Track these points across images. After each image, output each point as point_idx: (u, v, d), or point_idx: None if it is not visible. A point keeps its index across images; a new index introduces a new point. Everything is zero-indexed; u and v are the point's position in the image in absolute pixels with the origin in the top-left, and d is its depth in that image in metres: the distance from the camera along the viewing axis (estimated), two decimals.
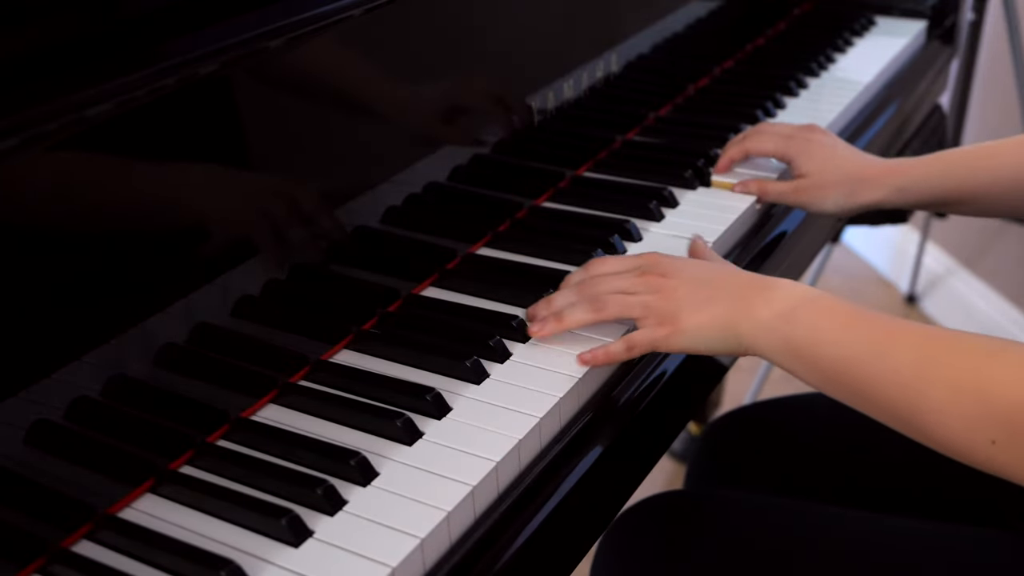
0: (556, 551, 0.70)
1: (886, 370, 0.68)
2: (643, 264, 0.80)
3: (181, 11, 0.70)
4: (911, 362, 0.67)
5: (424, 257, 0.90)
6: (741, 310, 0.74)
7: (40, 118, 0.58)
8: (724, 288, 0.76)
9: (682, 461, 1.90)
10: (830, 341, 0.71)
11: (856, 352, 0.70)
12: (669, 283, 0.77)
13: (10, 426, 0.60)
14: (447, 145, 0.90)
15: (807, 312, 0.73)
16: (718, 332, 0.75)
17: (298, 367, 0.78)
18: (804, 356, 0.72)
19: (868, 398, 0.70)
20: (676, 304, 0.76)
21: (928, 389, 0.66)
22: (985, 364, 0.65)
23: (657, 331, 0.76)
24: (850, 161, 1.01)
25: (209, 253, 0.70)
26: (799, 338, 0.72)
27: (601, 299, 0.78)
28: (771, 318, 0.73)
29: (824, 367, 0.72)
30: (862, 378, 0.70)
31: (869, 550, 0.83)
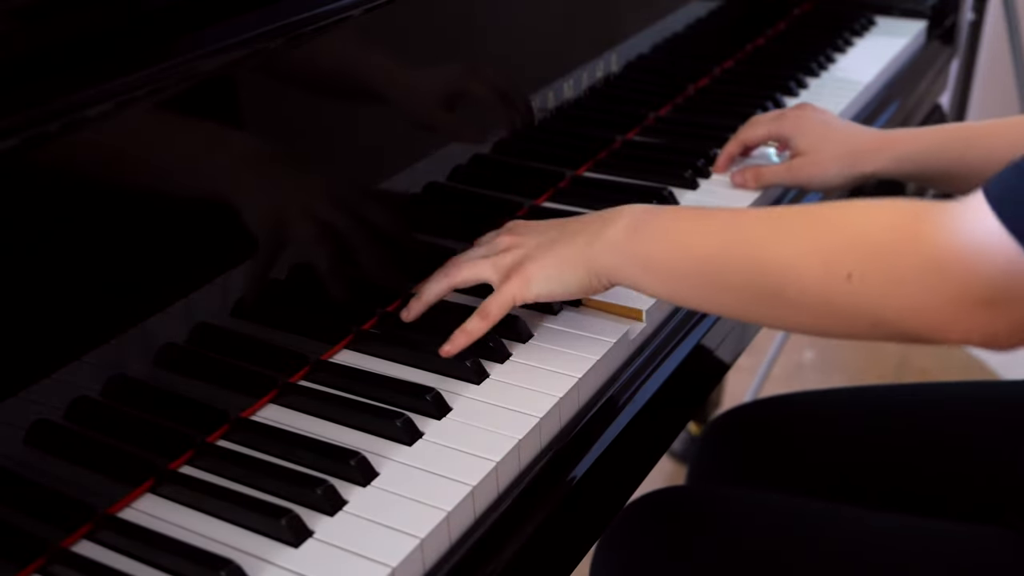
0: (557, 550, 0.70)
1: (740, 242, 0.69)
2: (503, 229, 0.82)
3: (182, 11, 0.70)
4: (764, 227, 0.69)
5: (424, 257, 0.90)
6: (589, 241, 0.75)
7: (40, 118, 0.58)
8: (572, 228, 0.77)
9: (682, 461, 1.90)
10: (681, 238, 0.72)
11: (707, 240, 0.71)
12: (519, 239, 0.79)
13: (10, 426, 0.60)
14: (447, 145, 0.90)
15: (655, 221, 0.74)
16: (570, 270, 0.75)
17: (298, 367, 0.78)
18: (656, 260, 0.73)
19: (724, 282, 0.70)
20: (523, 253, 0.77)
21: (783, 243, 0.67)
22: (836, 208, 0.66)
23: (506, 285, 0.76)
24: (845, 133, 1.01)
25: (209, 253, 0.70)
26: (649, 244, 0.73)
27: (454, 267, 0.80)
28: (619, 237, 0.74)
29: (680, 268, 0.72)
30: (717, 261, 0.70)
31: (868, 548, 0.83)
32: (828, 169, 0.99)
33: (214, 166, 0.70)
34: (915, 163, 0.97)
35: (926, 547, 0.83)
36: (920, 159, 0.96)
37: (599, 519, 0.78)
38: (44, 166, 0.59)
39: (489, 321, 0.77)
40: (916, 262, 0.61)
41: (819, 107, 1.05)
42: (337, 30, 0.76)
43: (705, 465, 1.08)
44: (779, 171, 1.02)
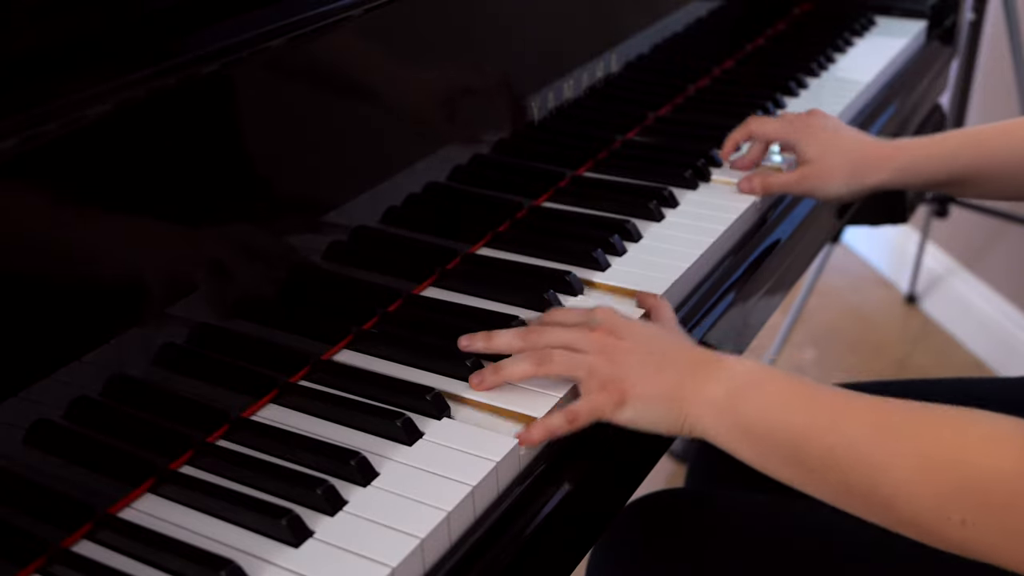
0: (556, 550, 0.70)
1: (843, 442, 0.64)
2: (597, 319, 0.75)
3: (182, 11, 0.70)
4: (871, 433, 0.64)
5: (424, 257, 0.90)
6: (689, 388, 0.70)
7: (40, 118, 0.58)
8: (674, 361, 0.72)
9: (682, 461, 1.89)
10: (781, 420, 0.67)
11: (810, 426, 0.66)
12: (619, 345, 0.73)
13: (10, 426, 0.60)
14: (447, 145, 0.90)
15: (755, 390, 0.69)
16: (664, 407, 0.71)
17: (298, 367, 0.78)
18: (754, 435, 0.68)
19: (825, 479, 0.66)
20: (623, 370, 0.72)
21: (891, 462, 0.62)
22: (954, 436, 0.62)
23: (600, 398, 0.71)
24: (854, 143, 1.00)
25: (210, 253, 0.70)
26: (749, 416, 0.68)
27: (547, 353, 0.73)
28: (720, 396, 0.69)
29: (777, 445, 0.67)
30: (817, 457, 0.65)
31: (868, 548, 0.83)
32: (834, 179, 0.99)
33: (215, 165, 0.70)
34: (924, 171, 0.96)
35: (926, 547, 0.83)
36: (929, 167, 0.96)
37: (599, 519, 0.78)
38: (44, 166, 0.59)
39: (574, 427, 0.71)
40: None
41: (828, 114, 1.05)
42: (337, 30, 0.76)
43: (705, 464, 1.08)
44: (786, 180, 1.01)
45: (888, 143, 1.00)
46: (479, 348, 0.77)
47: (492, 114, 0.95)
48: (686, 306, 0.89)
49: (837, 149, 0.99)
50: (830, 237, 1.29)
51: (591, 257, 0.91)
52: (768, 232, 1.02)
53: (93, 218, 0.63)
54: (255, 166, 0.74)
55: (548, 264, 0.91)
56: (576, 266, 0.90)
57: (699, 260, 0.92)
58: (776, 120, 1.05)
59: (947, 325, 2.22)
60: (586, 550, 0.75)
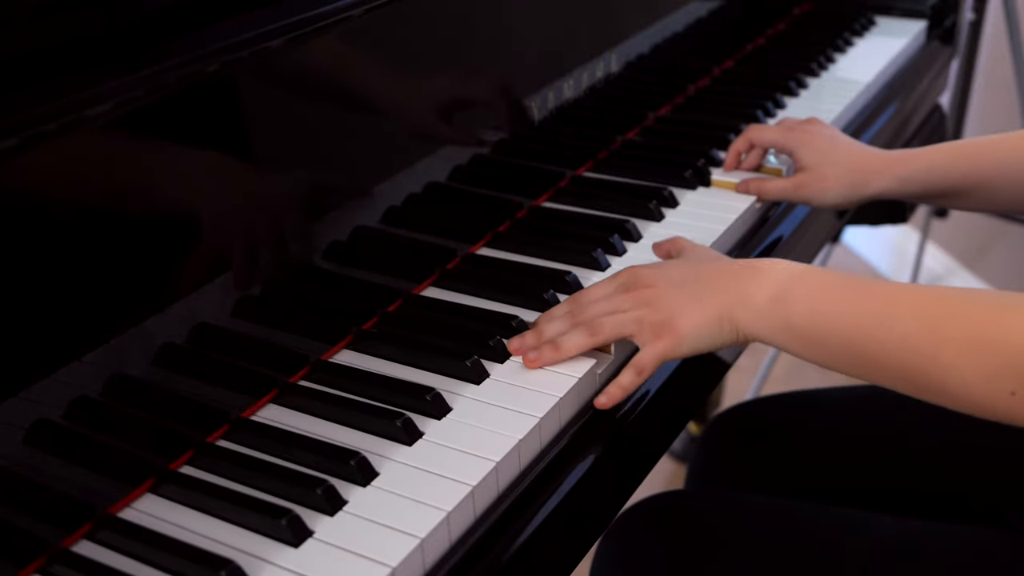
0: (556, 551, 0.70)
1: (893, 336, 0.67)
2: (624, 281, 0.78)
3: (182, 11, 0.70)
4: (919, 324, 0.66)
5: (424, 257, 0.90)
6: (734, 300, 0.73)
7: (40, 118, 0.58)
8: (711, 281, 0.75)
9: (682, 461, 1.90)
10: (831, 317, 0.70)
11: (860, 323, 0.69)
12: (655, 292, 0.76)
13: (10, 426, 0.60)
14: (447, 145, 0.90)
15: (801, 290, 0.72)
16: (715, 327, 0.74)
17: (298, 367, 0.78)
18: (806, 336, 0.71)
19: (879, 367, 0.69)
20: (668, 311, 0.74)
21: (941, 348, 0.65)
22: (999, 316, 0.64)
23: (658, 344, 0.74)
24: (851, 152, 1.01)
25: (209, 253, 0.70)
26: (798, 318, 0.71)
27: (595, 323, 0.76)
28: (766, 302, 0.72)
29: (829, 344, 0.70)
30: (870, 349, 0.68)
31: (868, 549, 0.83)
32: (831, 188, 0.99)
33: (215, 165, 0.70)
34: (920, 183, 0.97)
35: (926, 548, 0.83)
36: (925, 178, 0.97)
37: (599, 519, 0.78)
38: (44, 166, 0.59)
39: (643, 377, 0.75)
40: None
41: (826, 123, 1.05)
42: (337, 30, 0.76)
43: (705, 464, 1.08)
44: (784, 186, 1.02)
45: (885, 153, 1.00)
46: (532, 343, 0.78)
47: (492, 114, 0.95)
48: None
49: (834, 158, 1.00)
50: (830, 237, 1.29)
51: (591, 257, 0.91)
52: (768, 232, 1.02)
53: (93, 218, 0.63)
54: (255, 166, 0.74)
55: (548, 264, 0.91)
56: (576, 266, 0.90)
57: None
58: (775, 128, 1.05)
59: None
60: (586, 550, 0.75)
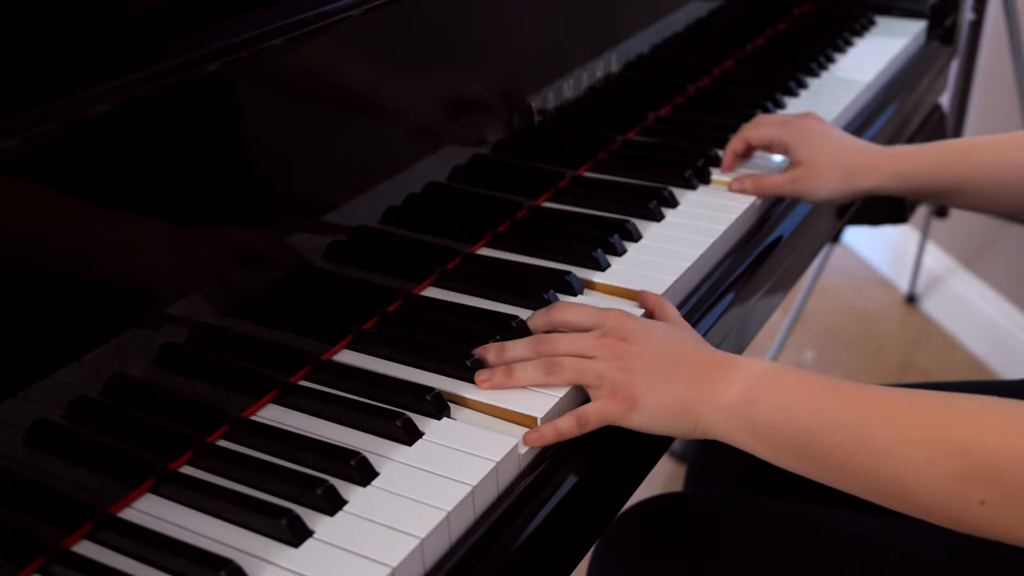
0: (556, 551, 0.70)
1: (860, 438, 0.66)
2: (606, 324, 0.76)
3: (181, 11, 0.70)
4: (886, 426, 0.65)
5: (424, 257, 0.90)
6: (700, 393, 0.71)
7: (40, 118, 0.58)
8: (684, 367, 0.73)
9: (682, 461, 1.90)
10: (796, 416, 0.68)
11: (825, 424, 0.67)
12: (629, 350, 0.73)
13: (10, 426, 0.60)
14: (447, 145, 0.90)
15: (770, 389, 0.70)
16: (673, 415, 0.71)
17: (298, 367, 0.78)
18: (769, 435, 0.69)
19: (843, 471, 0.67)
20: (634, 379, 0.72)
21: (908, 452, 0.64)
22: (967, 422, 0.63)
23: (610, 405, 0.72)
24: (846, 147, 1.01)
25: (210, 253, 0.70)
26: (763, 417, 0.69)
27: (556, 361, 0.74)
28: (732, 401, 0.70)
29: (792, 444, 0.69)
30: (834, 450, 0.67)
31: (868, 550, 0.83)
32: (826, 183, 0.99)
33: (215, 164, 0.70)
34: (913, 180, 0.97)
35: (926, 549, 0.83)
36: (919, 176, 0.97)
37: (599, 519, 0.78)
38: (44, 166, 0.59)
39: (584, 431, 0.72)
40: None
41: (821, 118, 1.05)
42: (336, 30, 0.76)
43: (704, 466, 1.08)
44: (779, 182, 1.02)
45: (881, 149, 1.00)
46: (491, 361, 0.76)
47: (492, 114, 0.95)
48: (686, 306, 0.89)
49: (829, 153, 1.00)
50: (830, 237, 1.29)
51: (591, 257, 0.91)
52: (768, 232, 1.02)
53: (93, 218, 0.63)
54: (255, 166, 0.74)
55: (548, 264, 0.91)
56: (576, 266, 0.90)
57: (699, 260, 0.92)
58: (770, 124, 1.05)
59: (947, 325, 2.22)
60: (586, 550, 0.75)
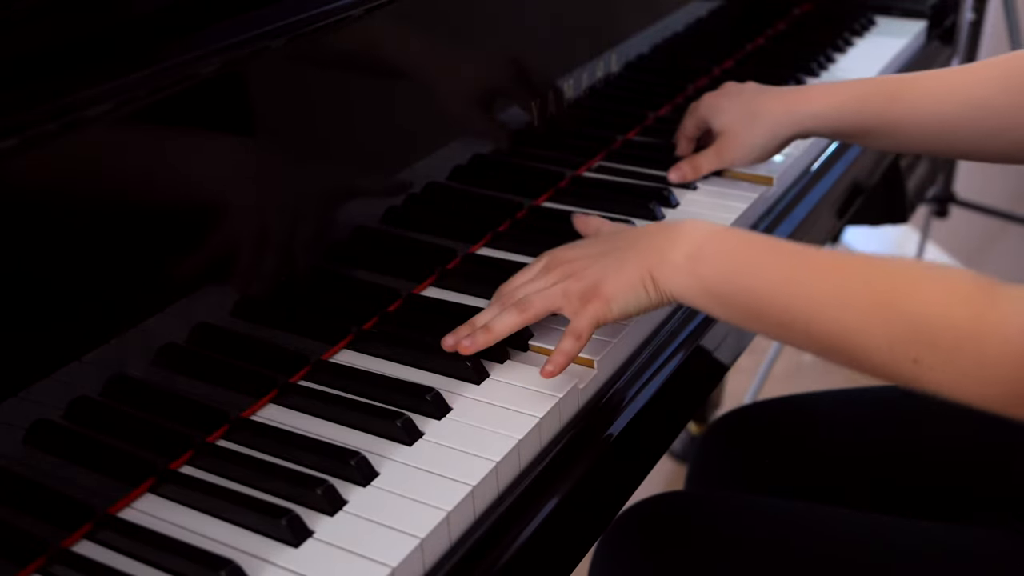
0: (556, 551, 0.70)
1: (802, 297, 0.68)
2: (545, 263, 0.80)
3: (182, 11, 0.70)
4: (828, 287, 0.67)
5: (424, 257, 0.90)
6: (653, 260, 0.74)
7: (40, 118, 0.58)
8: (631, 246, 0.76)
9: (682, 461, 1.90)
10: (742, 275, 0.71)
11: (770, 283, 0.70)
12: (576, 265, 0.77)
13: (10, 426, 0.60)
14: (447, 145, 0.90)
15: (715, 249, 0.72)
16: (640, 288, 0.74)
17: (298, 367, 0.78)
18: (718, 293, 0.72)
19: (789, 328, 0.69)
20: (591, 279, 0.75)
21: (847, 313, 0.66)
22: (902, 284, 0.65)
23: (588, 308, 0.75)
24: (759, 101, 1.00)
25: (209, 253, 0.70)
26: (711, 276, 0.72)
27: (524, 301, 0.77)
28: (681, 260, 0.73)
29: (740, 302, 0.71)
30: (779, 309, 0.69)
31: (868, 550, 0.83)
32: (751, 142, 0.99)
33: (214, 165, 0.70)
34: (834, 120, 0.96)
35: (926, 549, 0.83)
36: (838, 115, 0.96)
37: (599, 519, 0.78)
38: (44, 166, 0.59)
39: (583, 342, 0.75)
40: (982, 360, 0.62)
41: (736, 83, 1.04)
42: (336, 30, 0.76)
43: (705, 466, 1.08)
44: (709, 157, 1.02)
45: (792, 91, 0.99)
46: (483, 342, 0.77)
47: (492, 114, 0.95)
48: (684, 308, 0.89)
49: (742, 111, 1.00)
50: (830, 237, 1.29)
51: None
52: (768, 231, 1.02)
53: (93, 218, 0.63)
54: (255, 166, 0.74)
55: None
56: None
57: None
58: (690, 111, 1.06)
59: None
60: (586, 550, 0.75)
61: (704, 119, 1.04)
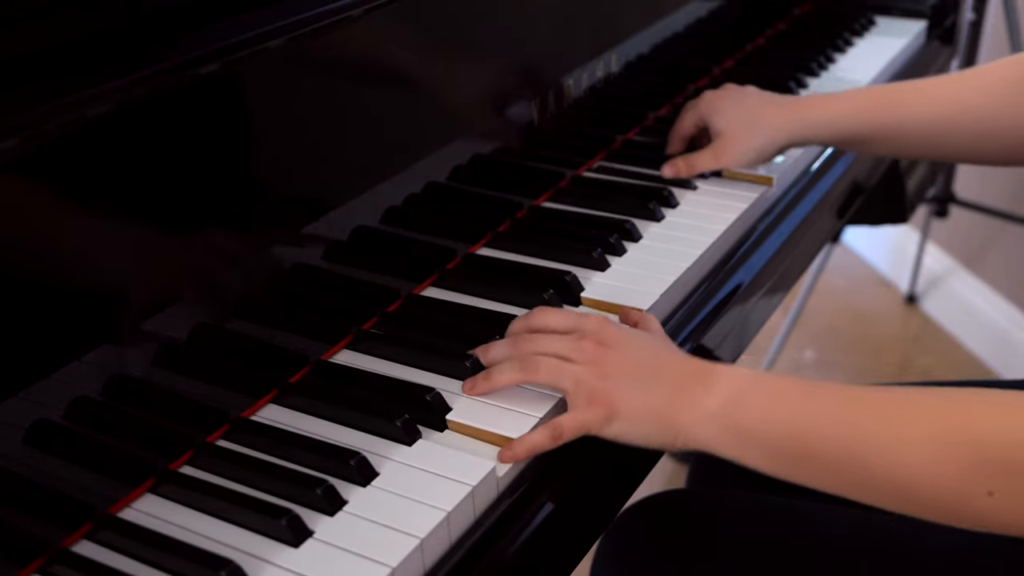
0: (557, 549, 0.70)
1: (855, 438, 0.64)
2: (587, 328, 0.73)
3: (182, 10, 0.70)
4: (883, 424, 0.63)
5: (424, 257, 0.90)
6: (681, 401, 0.69)
7: (40, 118, 0.58)
8: (664, 375, 0.70)
9: (683, 461, 1.90)
10: (785, 419, 0.66)
11: (816, 423, 0.65)
12: (608, 356, 0.71)
13: (10, 426, 0.60)
14: (447, 145, 0.90)
15: (755, 395, 0.68)
16: (654, 424, 0.69)
17: (298, 367, 0.78)
18: (757, 440, 0.67)
19: (838, 474, 0.65)
20: (613, 384, 0.70)
21: (908, 449, 0.62)
22: (968, 413, 0.62)
23: (587, 412, 0.69)
24: (758, 107, 1.01)
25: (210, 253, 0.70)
26: (749, 422, 0.67)
27: (533, 361, 0.72)
28: (716, 407, 0.68)
29: (781, 447, 0.67)
30: (828, 453, 0.65)
31: (869, 549, 0.83)
32: (748, 145, 0.99)
33: (214, 165, 0.70)
34: (830, 129, 0.97)
35: (927, 548, 0.83)
36: (834, 125, 0.96)
37: (599, 519, 0.78)
38: (44, 166, 0.59)
39: (559, 443, 0.69)
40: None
41: (736, 85, 1.05)
42: (335, 30, 0.76)
43: (707, 464, 1.08)
44: (705, 157, 1.02)
45: (793, 100, 1.00)
46: (481, 391, 0.74)
47: (492, 114, 0.95)
48: (686, 306, 0.89)
49: (743, 116, 1.00)
50: (830, 237, 1.29)
51: (591, 257, 0.91)
52: (768, 231, 1.02)
53: (93, 218, 0.63)
54: (255, 166, 0.74)
55: (548, 264, 0.91)
56: (576, 266, 0.90)
57: (699, 260, 0.92)
58: (687, 109, 1.06)
59: (947, 325, 2.22)
60: (586, 549, 0.75)
61: (704, 117, 1.04)
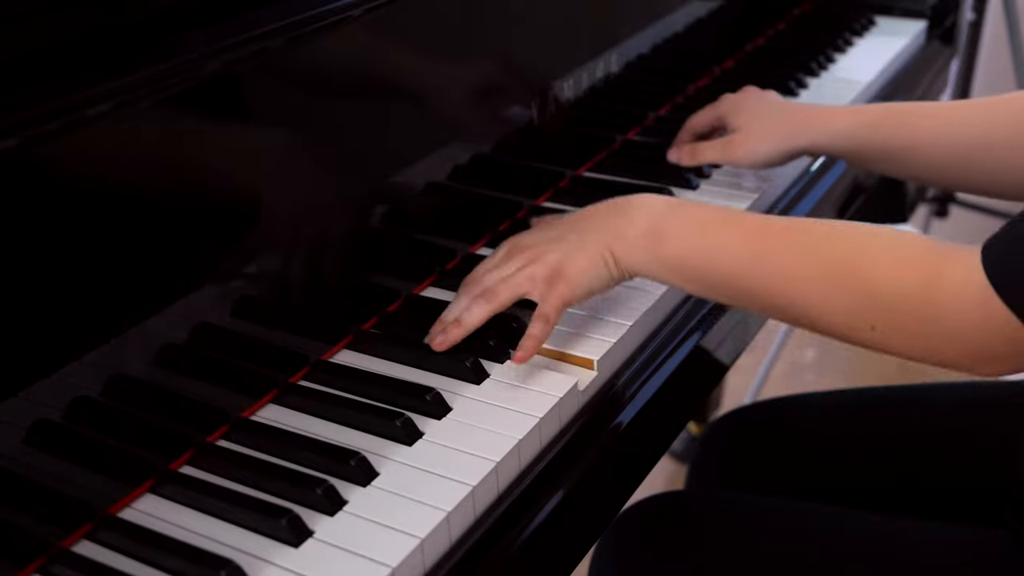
0: (556, 550, 0.70)
1: (764, 274, 0.72)
2: (507, 250, 0.81)
3: (183, 10, 0.70)
4: (788, 263, 0.71)
5: (424, 257, 0.90)
6: (611, 237, 0.77)
7: (40, 118, 0.58)
8: (589, 226, 0.79)
9: (682, 461, 1.90)
10: (702, 254, 0.74)
11: (731, 262, 0.73)
12: (538, 249, 0.79)
13: (10, 426, 0.60)
14: (447, 145, 0.90)
15: (674, 224, 0.75)
16: (601, 266, 0.77)
17: (298, 367, 0.78)
18: (679, 270, 0.75)
19: (750, 302, 0.75)
20: (554, 262, 0.77)
21: (807, 286, 0.70)
22: (855, 256, 0.69)
23: (553, 291, 0.76)
24: (780, 110, 1.01)
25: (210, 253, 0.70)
26: (670, 254, 0.75)
27: (490, 290, 0.78)
28: (638, 237, 0.76)
29: (701, 277, 0.75)
30: (740, 282, 0.73)
31: (868, 550, 0.83)
32: (762, 145, 0.99)
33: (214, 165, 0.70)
34: (846, 140, 0.97)
35: (927, 549, 0.83)
36: (851, 137, 0.97)
37: (599, 519, 0.78)
38: (44, 166, 0.59)
39: (550, 324, 0.76)
40: (936, 324, 0.66)
41: (758, 89, 1.06)
42: (336, 30, 0.76)
43: (705, 466, 1.08)
44: (714, 147, 1.02)
45: (814, 108, 1.00)
46: (456, 336, 0.78)
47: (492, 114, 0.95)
48: (686, 306, 0.89)
49: (763, 116, 1.01)
50: None
51: None
52: None
53: (93, 218, 0.63)
54: (255, 166, 0.74)
55: None
56: None
57: None
58: (707, 106, 1.07)
59: None
60: (586, 550, 0.75)
61: (722, 116, 1.04)
